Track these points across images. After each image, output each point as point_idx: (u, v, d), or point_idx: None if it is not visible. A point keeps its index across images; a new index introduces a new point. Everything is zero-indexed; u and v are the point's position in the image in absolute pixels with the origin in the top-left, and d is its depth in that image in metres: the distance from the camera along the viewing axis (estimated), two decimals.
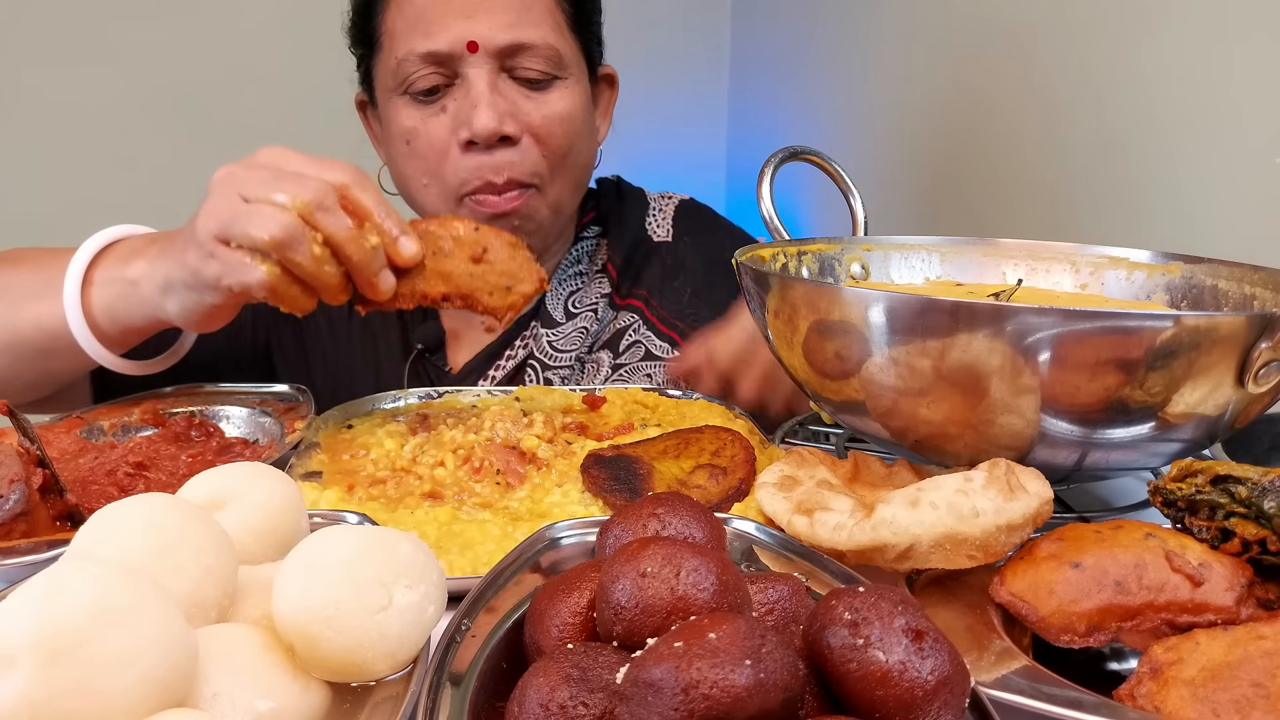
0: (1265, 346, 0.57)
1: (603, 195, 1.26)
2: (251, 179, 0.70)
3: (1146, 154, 1.26)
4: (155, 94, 2.18)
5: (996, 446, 0.62)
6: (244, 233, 0.68)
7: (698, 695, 0.31)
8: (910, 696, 0.34)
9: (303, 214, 0.69)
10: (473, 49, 0.98)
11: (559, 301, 1.15)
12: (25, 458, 0.62)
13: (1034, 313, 0.56)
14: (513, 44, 0.99)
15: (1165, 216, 1.24)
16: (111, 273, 0.80)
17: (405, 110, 1.03)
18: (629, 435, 0.81)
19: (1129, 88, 1.28)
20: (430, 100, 1.02)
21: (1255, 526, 0.51)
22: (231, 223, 0.69)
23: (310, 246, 0.69)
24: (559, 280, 1.16)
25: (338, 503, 0.67)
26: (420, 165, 1.04)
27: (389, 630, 0.42)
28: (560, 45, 1.03)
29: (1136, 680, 0.46)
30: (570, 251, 1.19)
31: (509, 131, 1.00)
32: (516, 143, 1.01)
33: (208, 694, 0.39)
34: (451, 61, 0.99)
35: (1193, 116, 1.18)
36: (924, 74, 1.80)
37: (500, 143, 1.01)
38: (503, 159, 1.01)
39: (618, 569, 0.39)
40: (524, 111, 1.02)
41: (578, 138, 1.07)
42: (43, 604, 0.35)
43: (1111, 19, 1.31)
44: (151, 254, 0.78)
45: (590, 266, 1.19)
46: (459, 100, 1.01)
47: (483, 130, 0.98)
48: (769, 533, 0.55)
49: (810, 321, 0.66)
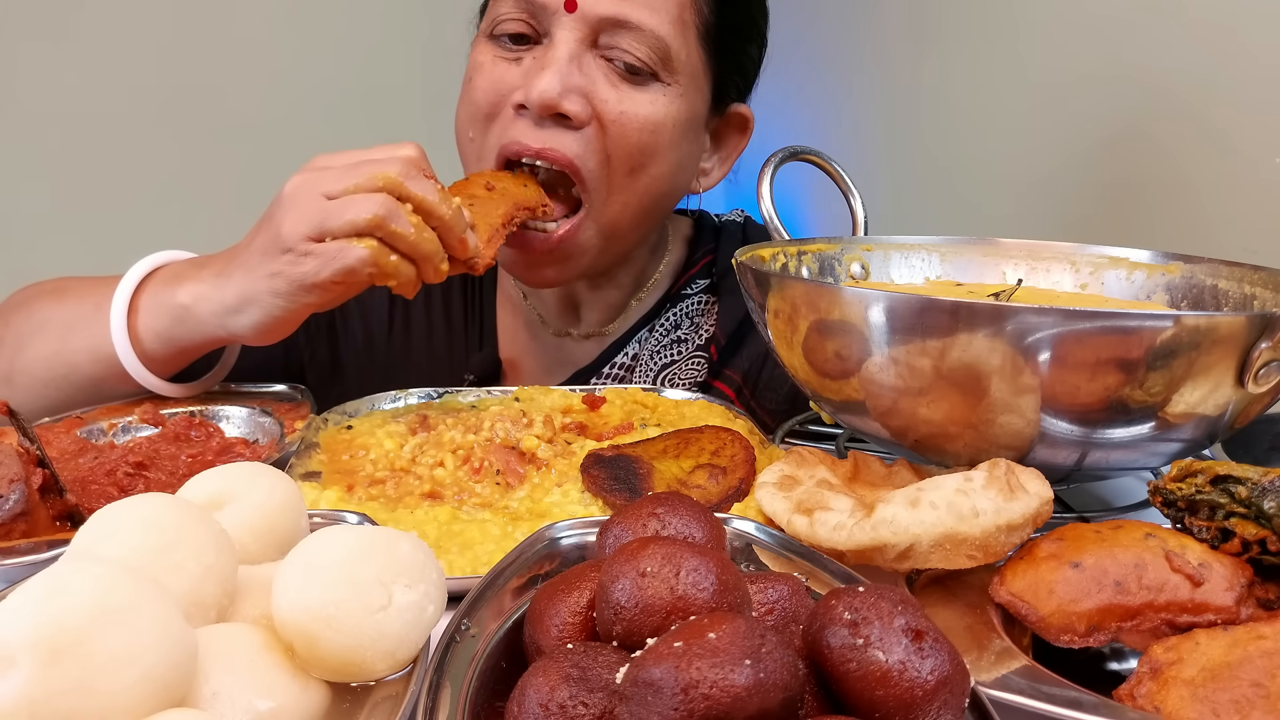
0: (1265, 346, 0.57)
1: (724, 237, 1.10)
2: (328, 178, 0.73)
3: (1146, 154, 1.26)
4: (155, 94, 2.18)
5: (996, 446, 0.62)
6: (344, 221, 0.71)
7: (697, 695, 0.31)
8: (910, 696, 0.34)
9: (391, 189, 0.72)
10: (570, 8, 0.86)
11: (649, 373, 1.03)
12: (25, 458, 0.62)
13: (1034, 312, 0.56)
14: (615, 17, 0.86)
15: (1165, 216, 1.24)
16: (159, 299, 0.80)
17: (483, 46, 0.92)
18: (629, 435, 0.81)
19: (1129, 87, 1.28)
20: (511, 47, 0.90)
21: (1255, 526, 0.51)
22: (325, 218, 0.72)
23: (408, 218, 0.73)
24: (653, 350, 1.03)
25: (337, 503, 0.67)
26: (470, 111, 0.92)
27: (388, 630, 0.42)
28: (674, 42, 0.89)
29: (1136, 680, 0.46)
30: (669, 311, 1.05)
31: (569, 109, 0.85)
32: (578, 128, 0.87)
33: (207, 693, 0.39)
34: (544, 15, 0.87)
35: (1193, 116, 1.18)
36: (924, 74, 1.80)
37: (556, 120, 0.87)
38: (548, 133, 0.87)
39: (617, 569, 0.39)
40: (600, 96, 0.87)
41: (659, 155, 0.91)
42: (43, 603, 0.35)
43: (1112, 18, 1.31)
44: (206, 277, 0.79)
45: (692, 336, 1.04)
46: (535, 59, 0.88)
47: (538, 96, 0.84)
48: (769, 532, 0.55)
49: (810, 321, 0.66)
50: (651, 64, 0.88)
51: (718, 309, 1.06)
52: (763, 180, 0.88)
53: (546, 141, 0.87)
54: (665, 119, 0.90)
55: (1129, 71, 1.28)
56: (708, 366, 1.03)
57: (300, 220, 0.73)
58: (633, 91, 0.88)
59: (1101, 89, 1.33)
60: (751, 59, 1.01)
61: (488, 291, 1.14)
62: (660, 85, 0.90)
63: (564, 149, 0.87)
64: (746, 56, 1.00)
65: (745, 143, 1.04)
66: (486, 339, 1.11)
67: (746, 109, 1.03)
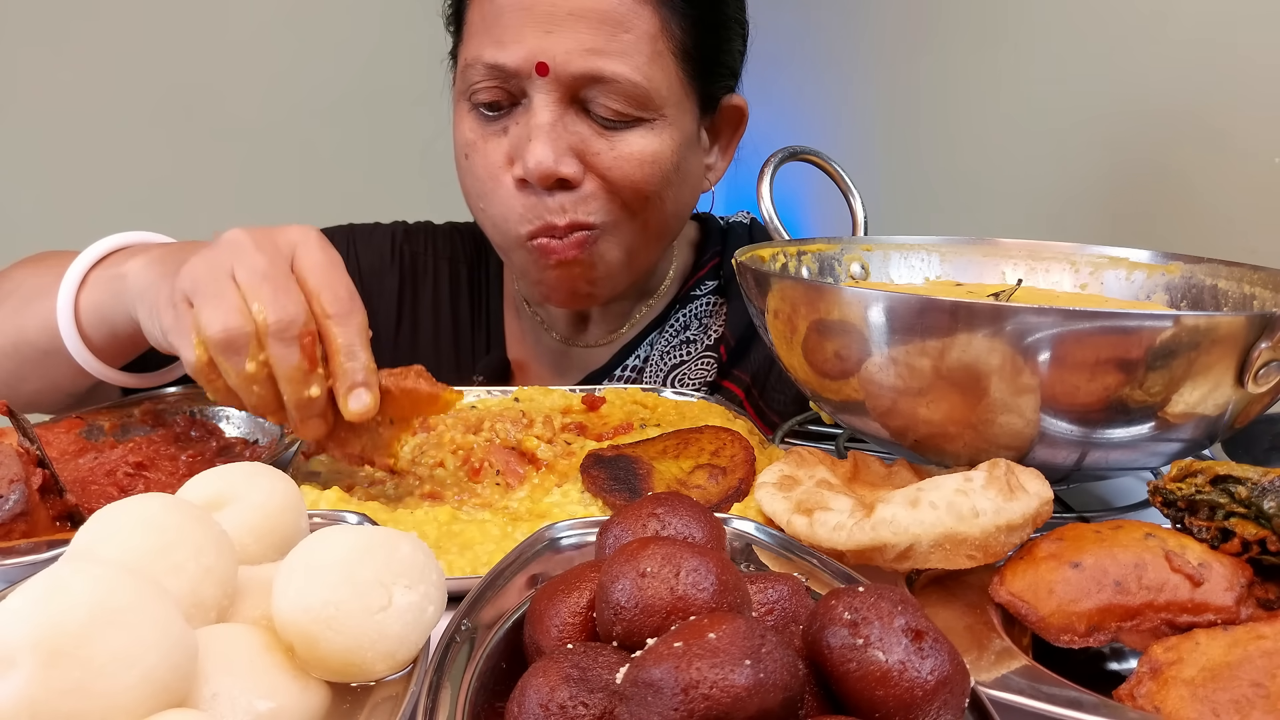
0: (1265, 346, 0.57)
1: (730, 239, 1.10)
2: (247, 264, 0.65)
3: (1146, 154, 1.26)
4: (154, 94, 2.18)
5: (996, 446, 0.62)
6: (199, 310, 0.64)
7: (697, 695, 0.31)
8: (910, 696, 0.34)
9: (260, 330, 0.63)
10: (542, 71, 0.84)
11: (659, 374, 1.03)
12: (25, 458, 0.62)
13: (1033, 312, 0.56)
14: (588, 74, 0.85)
15: (1165, 217, 1.24)
16: (107, 271, 0.77)
17: (468, 121, 0.91)
18: (629, 435, 0.81)
19: (1128, 87, 1.28)
20: (493, 117, 0.90)
21: (1255, 526, 0.51)
22: (198, 293, 0.65)
23: (246, 362, 0.64)
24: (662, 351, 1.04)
25: (337, 503, 0.67)
26: (475, 186, 0.93)
27: (388, 630, 0.42)
28: (651, 82, 0.87)
29: (1136, 680, 0.46)
30: (678, 313, 1.05)
31: (566, 173, 0.86)
32: (577, 186, 0.88)
33: (207, 694, 0.39)
34: (518, 79, 0.86)
35: (1193, 117, 1.18)
36: (924, 74, 1.80)
37: (558, 185, 0.87)
38: (563, 201, 0.88)
39: (617, 569, 0.39)
40: (592, 150, 0.88)
41: (664, 184, 0.91)
42: (43, 604, 0.35)
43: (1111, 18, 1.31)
44: (151, 256, 0.76)
45: (701, 337, 1.05)
46: (519, 126, 0.88)
47: (535, 169, 0.85)
48: (768, 532, 0.55)
49: (809, 321, 0.66)
50: (633, 110, 0.88)
51: (726, 310, 1.06)
52: (762, 181, 0.88)
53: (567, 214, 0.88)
54: (660, 150, 0.90)
55: (1128, 71, 1.28)
56: (717, 367, 1.03)
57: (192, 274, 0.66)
58: (622, 135, 0.88)
59: (1101, 89, 1.33)
60: (736, 53, 0.99)
61: (494, 293, 1.14)
62: (646, 124, 0.89)
63: (587, 217, 0.89)
64: (729, 54, 0.98)
65: (743, 128, 1.03)
66: (494, 341, 1.11)
67: (739, 99, 1.01)
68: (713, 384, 1.03)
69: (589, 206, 0.89)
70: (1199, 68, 1.16)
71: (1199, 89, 1.17)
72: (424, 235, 1.15)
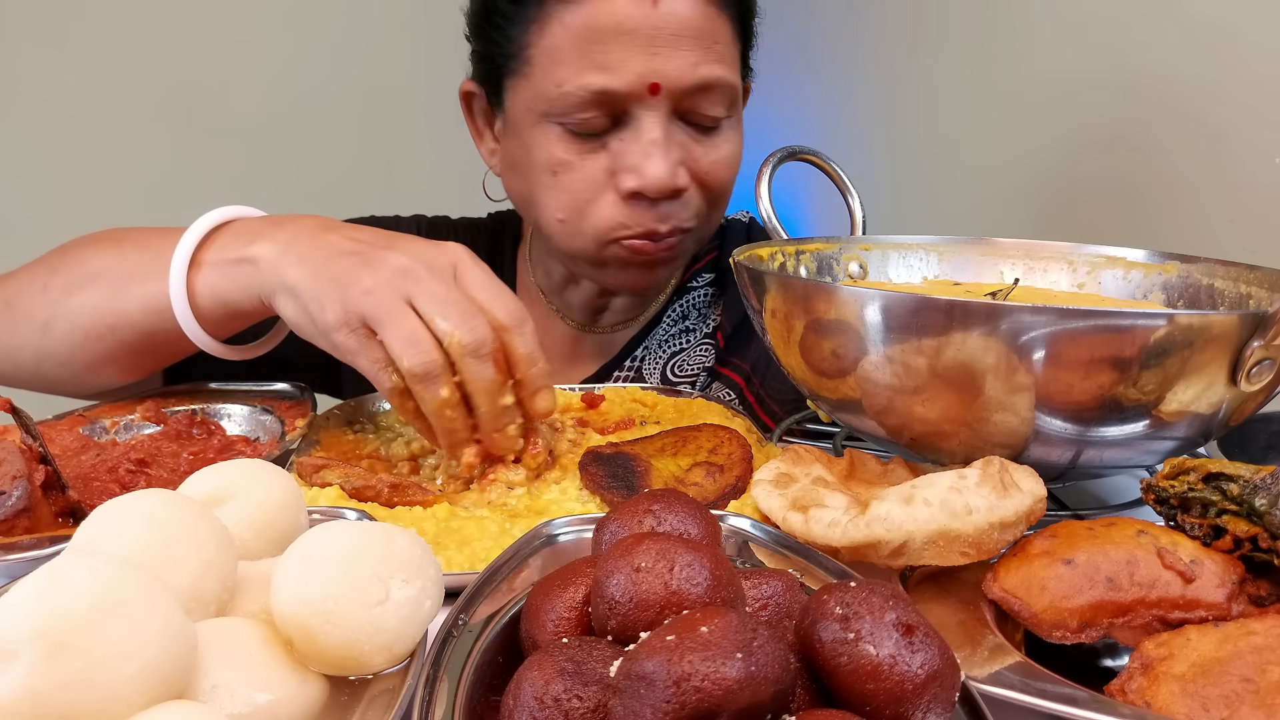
0: (1257, 345, 0.57)
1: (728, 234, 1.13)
2: (426, 291, 0.68)
3: (1145, 154, 1.27)
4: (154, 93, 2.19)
5: (991, 444, 0.63)
6: (390, 342, 0.67)
7: (689, 688, 0.31)
8: (900, 690, 0.35)
9: (452, 353, 0.67)
10: (655, 91, 0.86)
11: (658, 366, 1.06)
12: (28, 454, 0.62)
13: (1028, 311, 0.57)
14: (698, 84, 0.88)
15: (1164, 216, 1.24)
16: (227, 253, 0.76)
17: (558, 141, 0.91)
18: (630, 430, 0.82)
19: (1128, 87, 1.28)
20: (591, 141, 0.91)
21: (1246, 524, 0.52)
22: (381, 322, 0.67)
23: (441, 389, 0.67)
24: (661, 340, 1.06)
25: (337, 499, 0.68)
26: (564, 201, 0.92)
27: (386, 624, 0.43)
28: (737, 82, 0.93)
29: (1128, 675, 0.46)
30: (676, 304, 1.08)
31: (681, 184, 0.90)
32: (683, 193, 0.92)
33: (207, 686, 0.39)
34: (625, 101, 0.87)
35: (1192, 116, 1.18)
36: (923, 74, 1.81)
37: (668, 195, 0.91)
38: (668, 209, 0.92)
39: (612, 564, 0.39)
40: (692, 157, 0.92)
41: (735, 178, 0.98)
42: (44, 597, 0.36)
43: (1110, 18, 1.31)
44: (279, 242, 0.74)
45: (699, 325, 1.08)
46: (625, 143, 0.89)
47: (655, 184, 0.88)
48: (764, 529, 0.56)
49: (806, 320, 0.67)
50: (728, 110, 0.93)
51: (724, 301, 1.09)
52: (761, 180, 0.88)
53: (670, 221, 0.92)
54: (738, 146, 0.96)
55: (1128, 71, 1.28)
56: (714, 353, 1.06)
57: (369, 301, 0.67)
58: (714, 140, 0.94)
59: (1100, 89, 1.34)
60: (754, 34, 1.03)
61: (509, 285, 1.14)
62: (728, 121, 0.94)
63: (685, 222, 0.93)
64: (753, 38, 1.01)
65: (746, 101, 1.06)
66: None
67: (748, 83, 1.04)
68: (711, 370, 1.05)
69: (688, 211, 0.93)
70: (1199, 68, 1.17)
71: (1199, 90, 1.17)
72: (445, 228, 1.17)
